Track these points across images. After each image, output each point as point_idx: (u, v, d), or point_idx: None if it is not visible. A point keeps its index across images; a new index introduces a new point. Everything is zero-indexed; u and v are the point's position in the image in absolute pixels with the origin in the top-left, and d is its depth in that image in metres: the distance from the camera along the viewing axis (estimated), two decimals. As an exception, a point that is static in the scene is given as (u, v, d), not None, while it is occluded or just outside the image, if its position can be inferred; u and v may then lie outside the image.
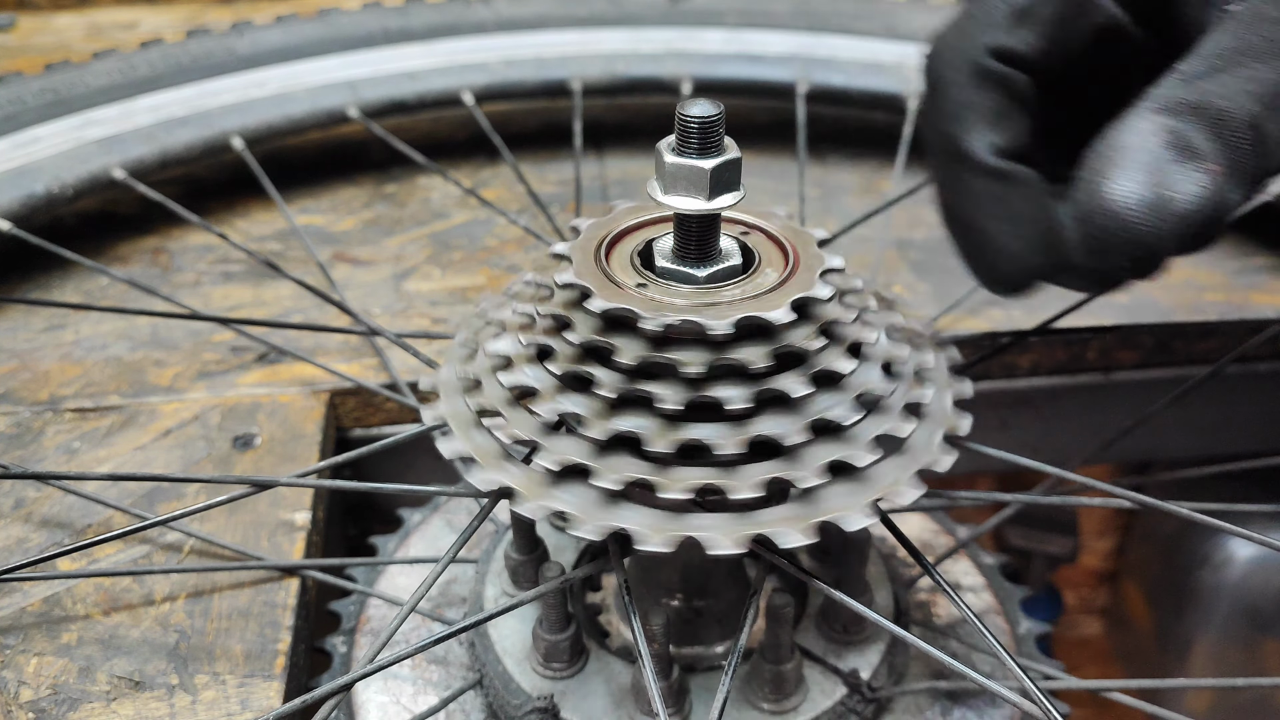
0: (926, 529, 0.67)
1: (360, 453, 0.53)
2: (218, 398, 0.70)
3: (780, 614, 0.48)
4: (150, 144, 0.87)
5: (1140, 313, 0.79)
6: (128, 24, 1.29)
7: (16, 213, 0.79)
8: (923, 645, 0.41)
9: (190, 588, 0.57)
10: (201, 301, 0.80)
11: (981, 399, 0.81)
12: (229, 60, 0.94)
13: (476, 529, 0.45)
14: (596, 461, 0.40)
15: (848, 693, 0.51)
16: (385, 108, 0.95)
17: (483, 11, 1.02)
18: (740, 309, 0.40)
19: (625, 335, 0.41)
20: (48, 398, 0.70)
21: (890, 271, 0.84)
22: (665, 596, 0.53)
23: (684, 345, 0.41)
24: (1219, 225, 0.34)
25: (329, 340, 0.75)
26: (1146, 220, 0.34)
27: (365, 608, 0.62)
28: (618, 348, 0.40)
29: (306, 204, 0.94)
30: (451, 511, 0.68)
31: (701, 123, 0.38)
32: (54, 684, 0.51)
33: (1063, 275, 0.40)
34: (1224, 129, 0.34)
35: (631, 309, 0.40)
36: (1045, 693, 0.38)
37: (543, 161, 0.97)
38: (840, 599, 0.42)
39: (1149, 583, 1.20)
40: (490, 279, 0.84)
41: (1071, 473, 0.49)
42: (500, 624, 0.55)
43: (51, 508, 0.62)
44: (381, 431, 0.73)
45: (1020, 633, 0.60)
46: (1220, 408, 0.84)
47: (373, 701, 0.55)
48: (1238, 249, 0.88)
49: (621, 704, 0.50)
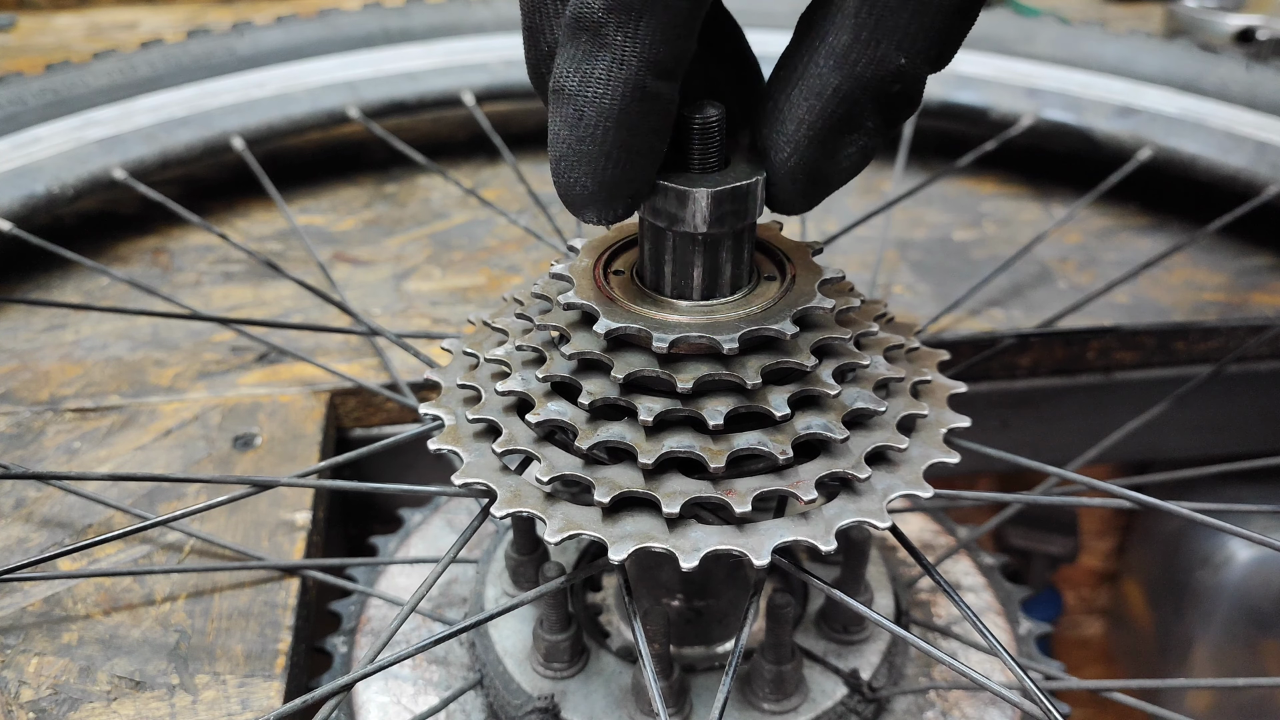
0: (927, 529, 0.67)
1: (361, 453, 0.53)
2: (218, 398, 0.70)
3: (781, 614, 0.48)
4: (150, 144, 0.87)
5: (1140, 313, 0.79)
6: (128, 24, 1.29)
7: (17, 213, 0.79)
8: (923, 645, 0.41)
9: (191, 588, 0.57)
10: (202, 302, 0.80)
11: (982, 399, 0.81)
12: (229, 60, 0.94)
13: (477, 529, 0.46)
14: (649, 486, 0.40)
15: (848, 693, 0.51)
16: (385, 108, 0.95)
17: (483, 12, 1.02)
18: (744, 324, 0.40)
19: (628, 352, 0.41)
20: (48, 398, 0.70)
21: (890, 272, 0.84)
22: (665, 596, 0.53)
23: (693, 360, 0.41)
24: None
25: (329, 341, 0.75)
26: None
27: (366, 608, 0.62)
28: (672, 378, 0.40)
29: (307, 204, 0.94)
30: (452, 511, 0.68)
31: (703, 124, 0.38)
32: (54, 684, 0.51)
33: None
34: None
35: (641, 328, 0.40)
36: (1046, 693, 0.38)
37: (543, 162, 0.97)
38: (841, 599, 0.42)
39: (1149, 583, 1.20)
40: (490, 279, 0.84)
41: (1072, 473, 0.49)
42: (501, 624, 0.55)
43: (52, 508, 0.62)
44: (382, 432, 0.73)
45: (1021, 633, 0.60)
46: (1220, 408, 0.84)
47: (373, 701, 0.55)
48: (1238, 249, 0.88)
49: (622, 704, 0.50)
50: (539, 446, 0.42)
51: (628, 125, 0.35)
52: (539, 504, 0.41)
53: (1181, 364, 0.80)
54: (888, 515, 0.40)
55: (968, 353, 0.76)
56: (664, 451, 0.39)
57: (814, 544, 0.39)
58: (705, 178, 0.39)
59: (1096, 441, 0.65)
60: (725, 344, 0.39)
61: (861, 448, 0.41)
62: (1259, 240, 0.88)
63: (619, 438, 0.40)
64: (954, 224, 0.92)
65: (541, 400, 0.42)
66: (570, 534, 0.39)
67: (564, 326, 0.42)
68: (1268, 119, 0.86)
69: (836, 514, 0.40)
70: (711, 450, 0.40)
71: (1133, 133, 0.90)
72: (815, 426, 0.40)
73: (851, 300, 0.45)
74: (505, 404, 0.44)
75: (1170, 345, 0.79)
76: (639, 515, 0.40)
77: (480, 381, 0.46)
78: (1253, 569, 1.01)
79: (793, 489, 0.39)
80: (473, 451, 0.43)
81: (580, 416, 0.41)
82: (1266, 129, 0.86)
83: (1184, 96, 0.90)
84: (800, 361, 0.40)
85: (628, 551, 0.39)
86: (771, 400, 0.40)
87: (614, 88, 0.34)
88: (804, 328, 0.41)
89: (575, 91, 0.34)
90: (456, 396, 0.47)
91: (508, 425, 0.43)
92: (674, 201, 0.39)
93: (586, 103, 0.34)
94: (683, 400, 0.40)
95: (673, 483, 0.40)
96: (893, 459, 0.42)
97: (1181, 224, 0.91)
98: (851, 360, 0.42)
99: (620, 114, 0.34)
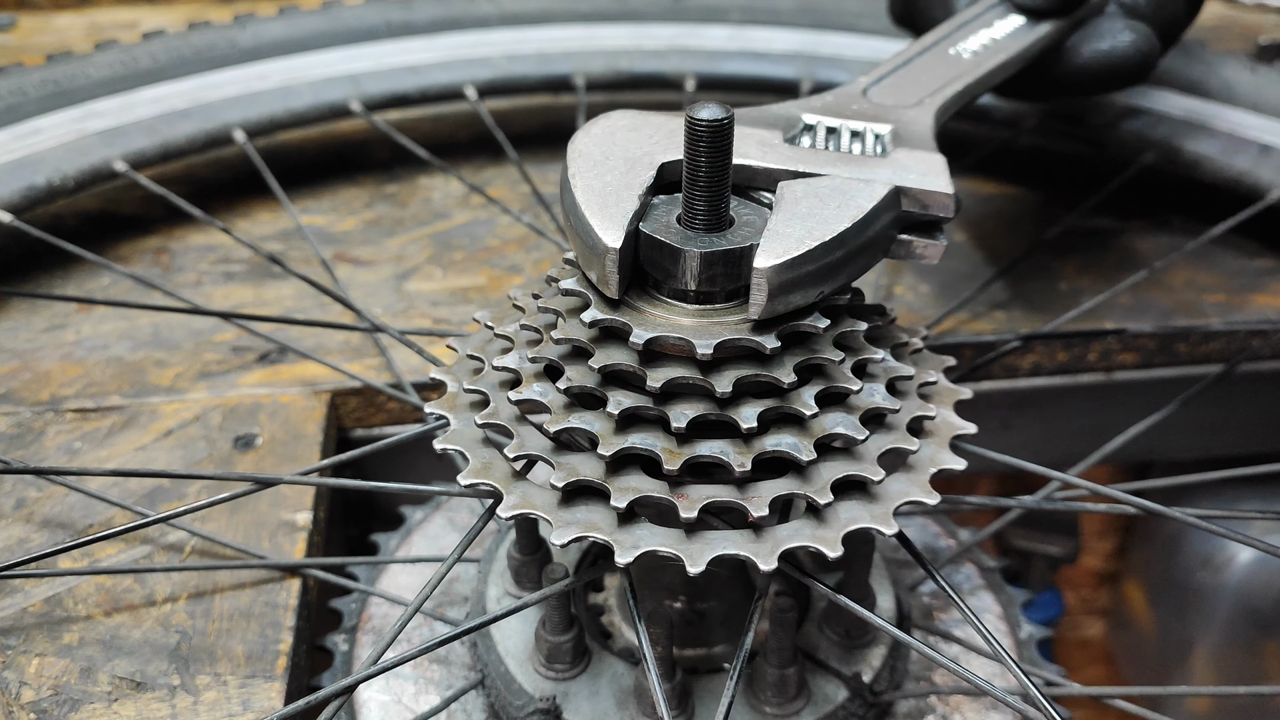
0: (928, 532, 0.67)
1: (363, 451, 0.53)
2: (219, 398, 0.70)
3: (784, 617, 0.48)
4: (152, 136, 0.86)
5: (1142, 315, 0.79)
6: (128, 23, 1.29)
7: (17, 204, 0.79)
8: (925, 649, 0.41)
9: (192, 588, 0.57)
10: (203, 301, 0.80)
11: (983, 400, 0.81)
12: (231, 53, 0.94)
13: (480, 529, 0.45)
14: (670, 494, 0.40)
15: (850, 696, 0.51)
16: (387, 101, 0.95)
17: (486, 6, 1.01)
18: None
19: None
20: (49, 398, 0.70)
21: (892, 273, 0.84)
22: (668, 598, 0.53)
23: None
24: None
25: (330, 341, 0.75)
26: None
27: (367, 606, 0.61)
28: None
29: (308, 204, 0.94)
30: (453, 510, 0.68)
31: (711, 127, 0.38)
32: (55, 685, 0.51)
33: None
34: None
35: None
36: (1048, 698, 0.38)
37: (544, 161, 0.97)
38: (843, 603, 0.42)
39: (1150, 584, 1.20)
40: (491, 279, 0.84)
41: (1074, 476, 0.49)
42: (503, 624, 0.54)
43: (53, 508, 0.62)
44: (383, 432, 0.73)
45: (1022, 637, 0.60)
46: (1221, 409, 0.84)
47: (374, 700, 0.55)
48: (1239, 250, 0.88)
49: (624, 706, 0.50)
50: (518, 425, 0.43)
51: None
52: (548, 508, 0.41)
53: (1183, 365, 0.80)
54: (894, 521, 0.40)
55: (970, 355, 0.76)
56: (625, 446, 0.40)
57: (822, 550, 0.39)
58: (698, 237, 0.40)
59: (1097, 442, 0.65)
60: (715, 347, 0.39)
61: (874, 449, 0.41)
62: (1261, 242, 0.88)
63: (586, 425, 0.40)
64: (956, 225, 0.92)
65: (529, 380, 0.42)
66: (576, 537, 0.39)
67: (562, 311, 0.43)
68: (1272, 121, 0.86)
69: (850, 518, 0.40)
70: (744, 451, 0.40)
71: (1137, 134, 0.90)
72: (784, 445, 0.40)
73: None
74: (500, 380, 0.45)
75: (1172, 347, 0.79)
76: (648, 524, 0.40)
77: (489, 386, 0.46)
78: (1254, 570, 1.02)
79: (746, 502, 0.40)
80: (478, 454, 0.43)
81: (559, 401, 0.42)
82: (1271, 131, 0.85)
83: (1188, 99, 0.90)
84: (777, 378, 0.40)
85: (634, 555, 0.39)
86: (743, 413, 0.40)
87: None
88: (789, 343, 0.41)
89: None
90: (466, 372, 0.47)
91: (516, 429, 0.43)
92: (668, 257, 0.40)
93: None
94: (714, 401, 0.40)
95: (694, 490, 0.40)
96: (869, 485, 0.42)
97: (1184, 226, 0.91)
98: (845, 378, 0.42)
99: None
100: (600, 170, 0.43)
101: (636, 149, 0.44)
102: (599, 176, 0.42)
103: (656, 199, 0.43)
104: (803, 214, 0.41)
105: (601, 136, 0.45)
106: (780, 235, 0.40)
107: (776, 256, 0.39)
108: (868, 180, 0.43)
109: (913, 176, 0.44)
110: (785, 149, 0.46)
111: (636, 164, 0.43)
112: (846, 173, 0.44)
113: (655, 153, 0.44)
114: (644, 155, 0.44)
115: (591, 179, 0.42)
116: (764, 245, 0.39)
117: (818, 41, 0.99)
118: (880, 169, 0.44)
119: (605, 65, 0.98)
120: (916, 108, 0.52)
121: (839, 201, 0.42)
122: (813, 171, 0.44)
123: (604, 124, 0.46)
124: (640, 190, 0.42)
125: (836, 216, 0.41)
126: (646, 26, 1.01)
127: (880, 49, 0.98)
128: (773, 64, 0.99)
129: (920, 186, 0.43)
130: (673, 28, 1.01)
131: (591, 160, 0.43)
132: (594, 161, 0.43)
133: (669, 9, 1.03)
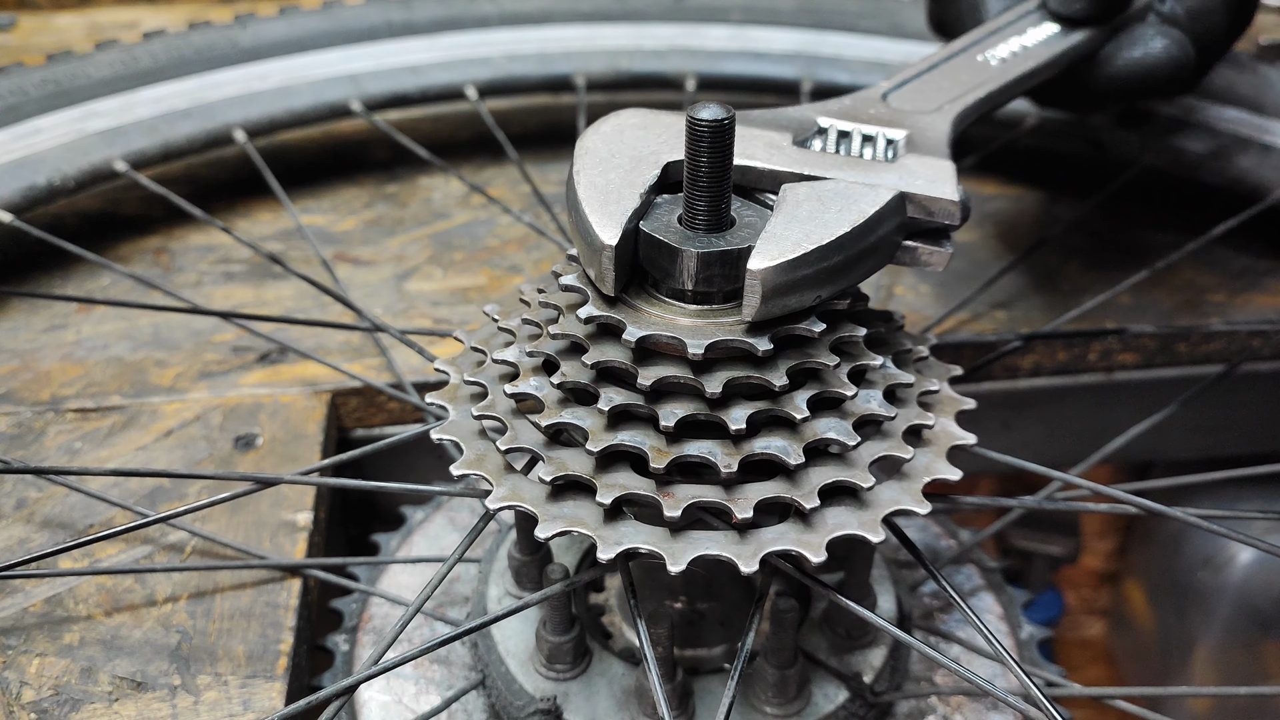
0: (929, 532, 0.67)
1: (364, 451, 0.53)
2: (219, 398, 0.70)
3: (784, 618, 0.48)
4: (152, 136, 0.86)
5: (1143, 315, 0.79)
6: (128, 24, 1.28)
7: (17, 204, 0.79)
8: (925, 649, 0.41)
9: (192, 588, 0.57)
10: (203, 301, 0.80)
11: (984, 400, 0.81)
12: (231, 52, 0.94)
13: (481, 530, 0.46)
14: (656, 492, 0.40)
15: (851, 696, 0.51)
16: (388, 101, 0.95)
17: (486, 6, 1.01)
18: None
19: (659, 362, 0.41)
20: (49, 398, 0.70)
21: (893, 273, 0.84)
22: (669, 598, 0.53)
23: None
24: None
25: (330, 341, 0.75)
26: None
27: (367, 606, 0.61)
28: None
29: (308, 204, 0.94)
30: (454, 509, 0.68)
31: (712, 127, 0.38)
32: (56, 685, 0.51)
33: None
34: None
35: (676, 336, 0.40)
36: (1049, 698, 0.38)
37: (544, 161, 0.97)
38: (844, 603, 0.42)
39: (1151, 583, 1.20)
40: (491, 279, 0.84)
41: (1075, 476, 0.49)
42: (503, 624, 0.54)
43: (53, 508, 0.62)
44: (383, 432, 0.73)
45: (1022, 637, 0.60)
46: (1222, 409, 0.84)
47: (375, 700, 0.55)
48: (1239, 250, 0.87)
49: (625, 706, 0.50)
50: (513, 418, 0.43)
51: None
52: (536, 501, 0.41)
53: (1183, 364, 0.80)
54: (881, 529, 0.40)
55: (971, 355, 0.76)
56: (614, 442, 0.40)
57: (805, 554, 0.39)
58: (698, 237, 0.40)
59: (1098, 442, 0.65)
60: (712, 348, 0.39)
61: (867, 455, 0.41)
62: (1262, 242, 0.88)
63: (578, 421, 0.41)
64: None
65: (526, 374, 0.43)
66: (560, 531, 0.40)
67: (563, 307, 0.43)
68: (1273, 122, 0.86)
69: (839, 523, 0.40)
70: (732, 452, 0.39)
71: (1136, 134, 0.90)
72: (773, 447, 0.40)
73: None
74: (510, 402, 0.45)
75: (1173, 347, 0.79)
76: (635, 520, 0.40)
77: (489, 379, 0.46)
78: (1254, 570, 1.01)
79: (731, 504, 0.40)
80: (473, 446, 0.44)
81: (553, 396, 0.42)
82: (1271, 132, 0.85)
83: (1189, 99, 0.90)
84: (769, 380, 0.40)
85: (616, 551, 0.39)
86: (732, 414, 0.40)
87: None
88: (783, 346, 0.41)
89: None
90: (470, 365, 0.47)
91: (514, 426, 0.43)
92: (665, 256, 0.40)
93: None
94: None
95: (680, 489, 0.40)
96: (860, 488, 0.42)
97: (1185, 225, 0.91)
98: (840, 383, 0.42)
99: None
100: (605, 168, 0.43)
101: (644, 148, 0.44)
102: (603, 174, 0.42)
103: (661, 198, 0.43)
104: (803, 217, 0.41)
105: (610, 134, 0.45)
106: (778, 237, 0.39)
107: (772, 258, 0.38)
108: (872, 185, 0.43)
109: (919, 182, 0.44)
110: (793, 151, 0.46)
111: (642, 163, 0.43)
112: (852, 177, 0.44)
113: (662, 152, 0.44)
114: (650, 154, 0.44)
115: (595, 176, 0.42)
116: (760, 247, 0.39)
117: (818, 41, 0.99)
118: (887, 174, 0.44)
119: (606, 65, 0.98)
120: (935, 114, 0.51)
121: (841, 205, 0.42)
122: (818, 175, 0.44)
123: (614, 122, 0.46)
124: (642, 189, 0.42)
125: (837, 220, 0.41)
126: (647, 26, 1.01)
127: (881, 49, 0.98)
128: (773, 64, 0.98)
129: (925, 193, 0.43)
130: (673, 27, 1.01)
131: (598, 157, 0.43)
132: (600, 159, 0.43)
133: (670, 9, 1.03)
